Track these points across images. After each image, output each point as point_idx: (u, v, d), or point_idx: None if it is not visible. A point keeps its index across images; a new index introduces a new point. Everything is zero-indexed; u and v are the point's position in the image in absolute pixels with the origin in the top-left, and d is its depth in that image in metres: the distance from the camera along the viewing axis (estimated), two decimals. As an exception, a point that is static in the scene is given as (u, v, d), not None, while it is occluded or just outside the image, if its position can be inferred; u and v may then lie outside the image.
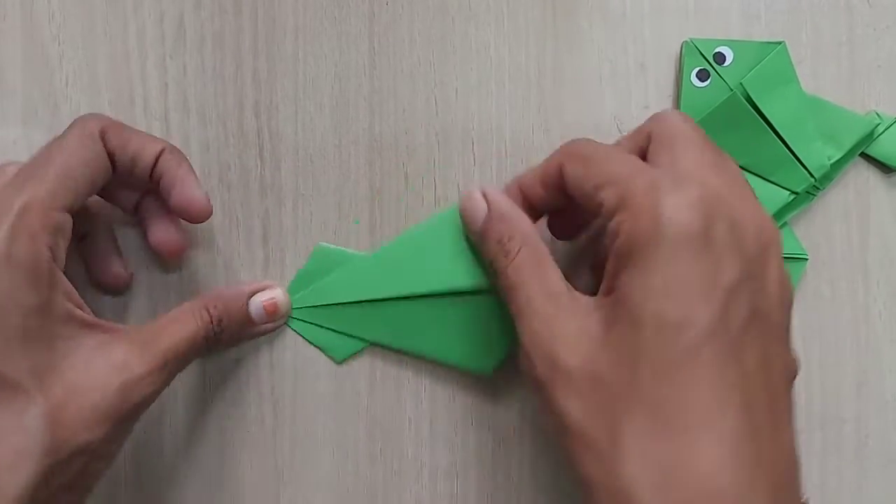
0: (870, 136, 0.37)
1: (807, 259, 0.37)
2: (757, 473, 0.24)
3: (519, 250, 0.30)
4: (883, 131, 0.37)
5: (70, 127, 0.30)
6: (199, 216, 0.32)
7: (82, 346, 0.29)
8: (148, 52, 0.36)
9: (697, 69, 0.36)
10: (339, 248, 0.36)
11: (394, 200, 0.36)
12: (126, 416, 0.29)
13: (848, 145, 0.36)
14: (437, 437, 0.37)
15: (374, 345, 0.36)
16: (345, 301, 0.35)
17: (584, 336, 0.27)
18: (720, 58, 0.36)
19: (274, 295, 0.35)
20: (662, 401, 0.25)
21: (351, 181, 0.36)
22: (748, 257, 0.26)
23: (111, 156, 0.31)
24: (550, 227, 0.34)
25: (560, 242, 0.35)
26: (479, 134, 0.37)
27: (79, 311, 0.29)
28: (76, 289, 0.29)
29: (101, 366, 0.29)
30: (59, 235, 0.28)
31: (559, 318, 0.28)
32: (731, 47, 0.36)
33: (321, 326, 0.36)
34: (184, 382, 0.36)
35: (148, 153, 0.31)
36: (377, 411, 0.36)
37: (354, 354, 0.36)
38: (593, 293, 0.29)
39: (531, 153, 0.37)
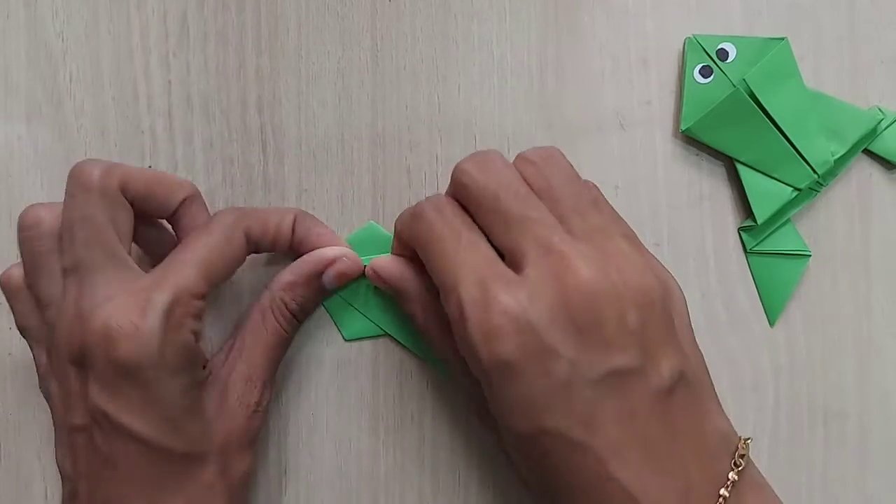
0: (873, 132, 0.37)
1: (809, 255, 0.37)
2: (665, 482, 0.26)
3: (425, 322, 0.33)
4: (886, 127, 0.37)
5: (213, 222, 0.32)
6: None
7: (212, 394, 0.32)
8: (151, 49, 0.36)
9: (700, 65, 0.36)
10: (388, 233, 0.36)
11: (396, 196, 0.36)
12: (255, 438, 0.33)
13: (851, 141, 0.36)
14: (440, 433, 0.37)
15: (387, 336, 0.36)
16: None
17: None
18: (723, 54, 0.36)
19: (345, 268, 0.35)
20: (545, 493, 0.28)
21: (354, 176, 0.36)
22: (573, 341, 0.26)
23: (252, 242, 0.33)
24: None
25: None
26: (482, 130, 0.37)
27: (208, 369, 0.33)
28: None
29: (233, 404, 0.32)
30: (201, 318, 0.30)
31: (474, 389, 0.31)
32: (733, 43, 0.36)
33: (343, 299, 0.36)
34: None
35: (286, 227, 0.34)
36: (380, 407, 0.37)
37: (363, 339, 0.36)
38: None
39: (534, 149, 0.37)
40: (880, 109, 0.37)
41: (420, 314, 0.33)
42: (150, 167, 0.35)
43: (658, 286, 0.28)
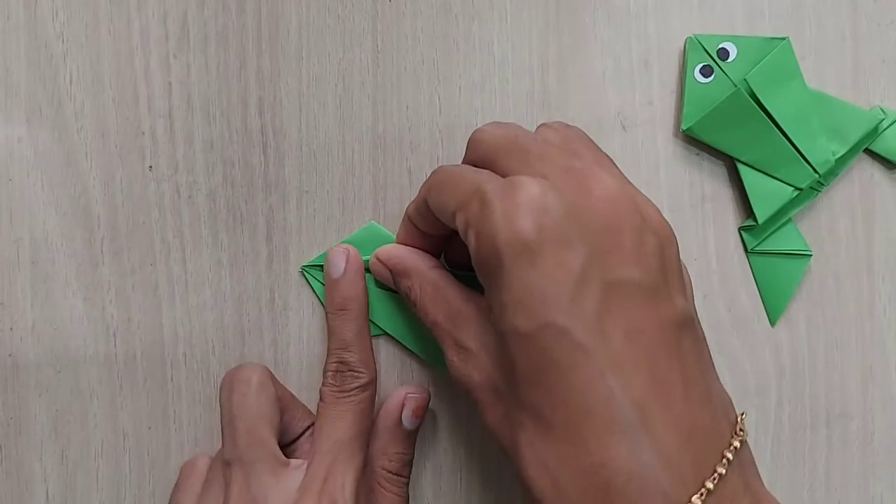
0: (874, 132, 0.37)
1: (811, 255, 0.37)
2: (648, 452, 0.24)
3: (421, 291, 0.32)
4: (887, 127, 0.37)
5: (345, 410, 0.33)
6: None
7: None
8: (152, 51, 0.36)
9: (701, 65, 0.36)
10: (390, 232, 0.36)
11: (397, 197, 0.36)
12: None
13: (852, 141, 0.36)
14: (441, 432, 0.37)
15: (387, 335, 0.36)
16: (377, 286, 0.36)
17: (482, 350, 0.29)
18: (724, 53, 0.36)
19: (416, 402, 0.35)
20: (539, 405, 0.26)
21: (355, 178, 0.36)
22: (591, 233, 0.26)
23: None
24: (447, 259, 0.35)
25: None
26: (483, 131, 0.37)
27: None
28: None
29: None
30: None
31: (461, 340, 0.30)
32: (734, 43, 0.36)
33: None
34: (188, 387, 0.36)
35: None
36: (380, 407, 0.36)
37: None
38: None
39: (535, 150, 0.37)
40: (882, 109, 0.37)
41: (415, 284, 0.33)
42: (150, 168, 0.35)
43: (673, 234, 0.28)
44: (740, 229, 0.37)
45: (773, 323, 0.37)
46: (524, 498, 0.27)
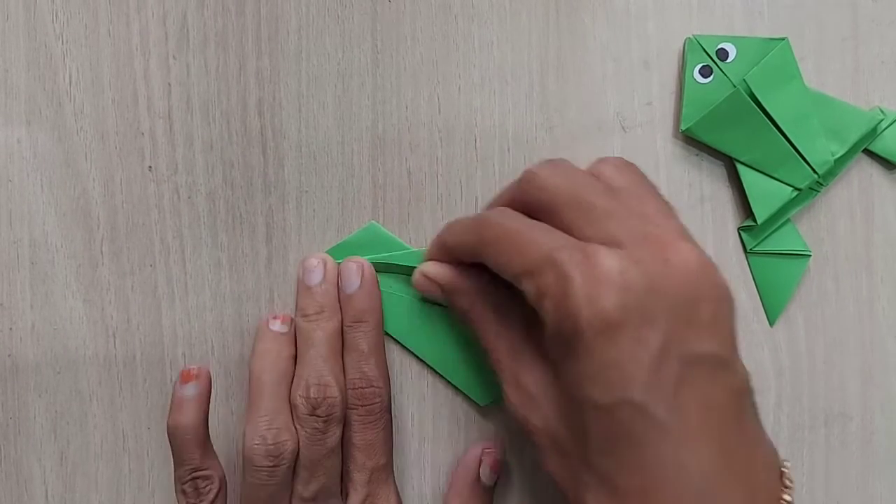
0: (873, 132, 0.37)
1: (810, 255, 0.37)
2: None
3: (479, 314, 0.32)
4: (886, 127, 0.37)
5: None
6: None
7: None
8: (151, 52, 0.36)
9: (700, 65, 0.36)
10: (390, 232, 0.36)
11: (397, 197, 0.36)
12: None
13: (852, 141, 0.36)
14: (440, 433, 0.37)
15: (387, 336, 0.36)
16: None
17: (544, 398, 0.29)
18: (723, 54, 0.36)
19: (494, 457, 0.36)
20: (612, 470, 0.26)
21: (354, 178, 0.36)
22: (671, 308, 0.26)
23: None
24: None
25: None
26: (482, 131, 0.37)
27: None
28: None
29: None
30: None
31: (523, 381, 0.30)
32: (734, 43, 0.36)
33: None
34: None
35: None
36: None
37: None
38: None
39: (534, 150, 0.37)
40: (881, 110, 0.37)
41: (475, 306, 0.32)
42: (150, 169, 0.35)
43: (731, 293, 0.28)
44: (739, 229, 0.37)
45: (772, 323, 0.37)
46: None
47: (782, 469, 0.28)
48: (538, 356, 0.30)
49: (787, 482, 0.27)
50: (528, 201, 0.30)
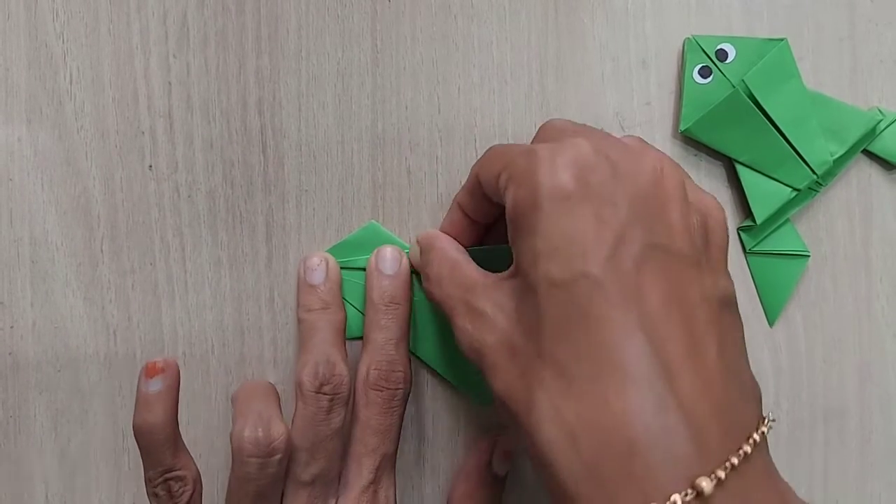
0: (872, 132, 0.37)
1: (809, 255, 0.37)
2: (675, 415, 0.23)
3: (438, 265, 0.32)
4: (885, 127, 0.37)
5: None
6: None
7: None
8: (151, 51, 0.36)
9: (699, 66, 0.36)
10: (389, 232, 0.36)
11: (396, 197, 0.36)
12: None
13: (850, 141, 0.36)
14: (440, 433, 0.37)
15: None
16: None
17: (498, 312, 0.28)
18: (722, 54, 0.36)
19: (506, 444, 0.36)
20: (565, 358, 0.25)
21: (354, 177, 0.36)
22: (636, 198, 0.26)
23: None
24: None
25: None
26: (482, 131, 0.37)
27: None
28: None
29: None
30: None
31: (476, 304, 0.29)
32: (733, 44, 0.36)
33: (343, 299, 0.36)
34: (188, 386, 0.36)
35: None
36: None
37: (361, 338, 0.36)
38: None
39: (534, 150, 0.37)
40: (880, 110, 0.37)
41: (436, 262, 0.32)
42: (150, 167, 0.36)
43: (724, 218, 0.28)
44: (739, 229, 0.37)
45: (771, 323, 0.38)
46: (534, 465, 0.26)
47: (767, 415, 0.26)
48: (493, 281, 0.29)
49: (769, 419, 0.26)
50: (539, 137, 0.30)
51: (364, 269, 0.35)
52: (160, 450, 0.30)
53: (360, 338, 0.36)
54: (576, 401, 0.24)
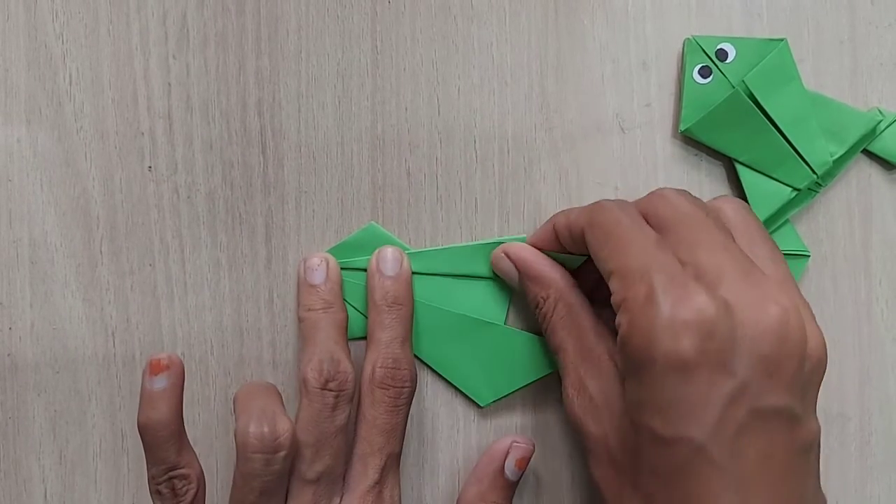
0: (872, 133, 0.37)
1: (809, 256, 0.37)
2: None
3: (554, 309, 0.32)
4: (885, 128, 0.37)
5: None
6: None
7: None
8: (151, 51, 0.36)
9: (699, 66, 0.36)
10: (389, 233, 0.36)
11: (396, 198, 0.36)
12: None
13: (850, 142, 0.36)
14: (440, 433, 0.37)
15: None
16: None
17: (605, 408, 0.29)
18: (722, 55, 0.36)
19: (521, 453, 0.35)
20: (656, 497, 0.27)
21: (353, 179, 0.36)
22: (751, 364, 0.26)
23: None
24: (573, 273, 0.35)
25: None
26: (482, 132, 0.37)
27: None
28: None
29: None
30: None
31: (587, 381, 0.30)
32: (733, 44, 0.36)
33: (345, 300, 0.36)
34: (186, 388, 0.36)
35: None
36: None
37: (363, 338, 0.36)
38: None
39: (533, 151, 0.37)
40: (879, 111, 0.37)
41: (551, 299, 0.32)
42: (149, 168, 0.35)
43: (826, 355, 0.28)
44: (738, 230, 0.37)
45: (771, 324, 0.37)
46: None
47: None
48: (606, 364, 0.30)
49: None
50: (648, 212, 0.30)
51: (364, 270, 0.35)
52: (164, 447, 0.30)
53: (361, 338, 0.36)
54: None
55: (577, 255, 0.33)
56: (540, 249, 0.34)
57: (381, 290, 0.34)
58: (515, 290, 0.35)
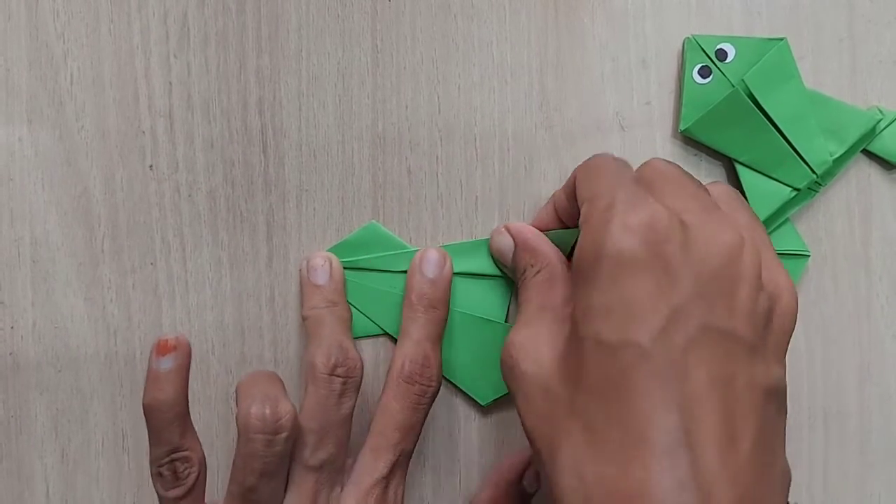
0: (872, 132, 0.37)
1: (809, 255, 0.37)
2: (692, 496, 0.23)
3: (537, 273, 0.32)
4: (885, 127, 0.37)
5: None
6: None
7: None
8: (152, 50, 0.36)
9: (699, 66, 0.36)
10: (390, 232, 0.36)
11: (397, 196, 0.36)
12: None
13: (850, 141, 0.36)
14: (439, 432, 0.37)
15: (387, 336, 0.36)
16: (378, 286, 0.36)
17: (547, 348, 0.28)
18: (722, 54, 0.36)
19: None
20: (597, 418, 0.25)
21: (354, 177, 0.36)
22: (703, 275, 0.25)
23: None
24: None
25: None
26: (482, 130, 0.37)
27: None
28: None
29: None
30: None
31: (538, 329, 0.29)
32: (732, 44, 0.36)
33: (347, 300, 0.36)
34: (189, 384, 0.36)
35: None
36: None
37: (363, 338, 0.36)
38: None
39: (533, 149, 0.37)
40: (879, 109, 0.37)
41: (534, 267, 0.32)
42: (150, 167, 0.36)
43: (795, 304, 0.27)
44: (738, 229, 0.37)
45: (770, 322, 0.38)
46: (547, 500, 0.26)
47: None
48: (563, 320, 0.29)
49: None
50: (636, 176, 0.30)
51: (364, 269, 0.35)
52: (168, 428, 0.30)
53: (363, 337, 0.36)
54: (598, 462, 0.25)
55: (574, 227, 0.33)
56: (541, 230, 0.34)
57: (418, 291, 0.34)
58: (514, 288, 0.36)
